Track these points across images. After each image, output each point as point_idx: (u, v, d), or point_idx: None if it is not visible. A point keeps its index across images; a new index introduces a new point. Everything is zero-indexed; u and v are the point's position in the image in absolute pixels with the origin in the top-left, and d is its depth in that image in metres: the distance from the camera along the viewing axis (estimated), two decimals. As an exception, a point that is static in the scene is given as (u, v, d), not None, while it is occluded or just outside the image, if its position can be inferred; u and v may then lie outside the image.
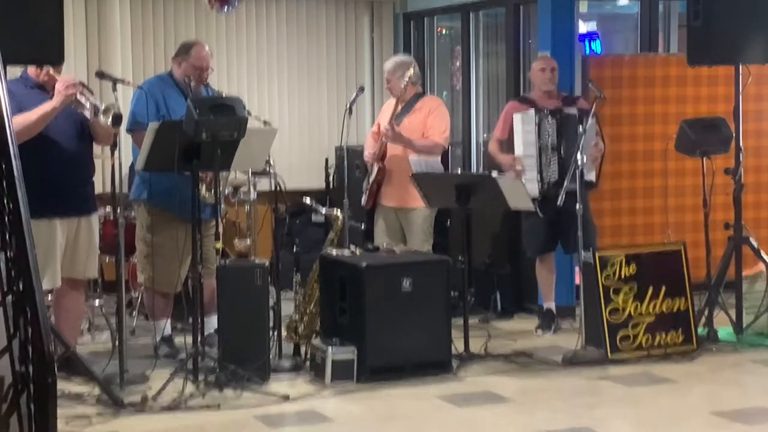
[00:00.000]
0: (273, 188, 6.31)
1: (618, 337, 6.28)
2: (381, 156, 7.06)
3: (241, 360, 5.68)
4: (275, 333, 6.16)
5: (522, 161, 6.96)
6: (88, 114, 5.63)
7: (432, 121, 7.05)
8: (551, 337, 7.04)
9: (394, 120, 6.98)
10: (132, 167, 6.76)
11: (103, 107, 5.56)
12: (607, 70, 7.91)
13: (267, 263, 6.02)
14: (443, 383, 5.88)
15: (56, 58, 5.43)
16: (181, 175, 5.86)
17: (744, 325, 6.77)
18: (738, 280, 6.85)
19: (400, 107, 7.05)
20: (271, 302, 6.12)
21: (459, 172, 7.76)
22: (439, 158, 7.13)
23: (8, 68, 4.51)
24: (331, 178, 9.21)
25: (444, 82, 9.82)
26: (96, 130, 5.78)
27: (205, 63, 6.43)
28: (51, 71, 5.65)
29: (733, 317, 6.74)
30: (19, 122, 5.29)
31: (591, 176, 6.87)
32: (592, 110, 6.57)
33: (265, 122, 6.50)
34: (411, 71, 7.00)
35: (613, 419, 5.28)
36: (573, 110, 6.97)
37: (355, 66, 9.57)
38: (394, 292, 5.96)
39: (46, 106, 5.55)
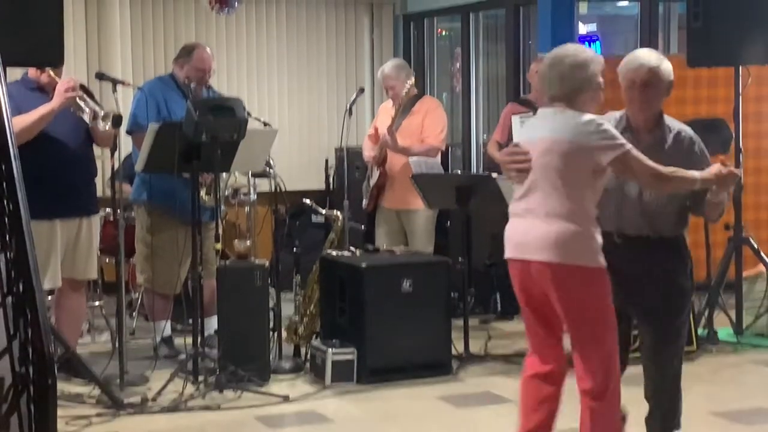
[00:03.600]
0: (273, 189, 6.31)
1: (618, 338, 6.27)
2: (382, 160, 7.06)
3: (241, 361, 5.68)
4: (275, 334, 6.16)
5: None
6: (86, 118, 5.61)
7: (429, 123, 7.04)
8: (551, 337, 7.03)
9: (393, 122, 6.96)
10: (126, 162, 6.73)
11: (102, 113, 5.54)
12: (606, 72, 7.88)
13: (267, 264, 6.02)
14: (443, 384, 5.88)
15: (56, 60, 5.42)
16: (181, 177, 5.86)
17: (744, 326, 6.78)
18: (738, 281, 6.85)
19: (399, 109, 7.05)
20: (271, 303, 6.12)
21: (459, 172, 7.77)
22: (438, 159, 7.13)
23: (7, 70, 4.51)
24: (330, 179, 9.20)
25: (444, 84, 9.82)
26: (96, 133, 5.77)
27: (207, 65, 6.43)
28: (51, 73, 5.64)
29: (733, 318, 6.75)
30: (16, 123, 5.28)
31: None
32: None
33: (265, 123, 6.51)
34: (413, 74, 7.00)
35: (613, 420, 5.27)
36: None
37: (355, 67, 9.57)
38: (394, 293, 5.95)
39: (45, 108, 5.54)
